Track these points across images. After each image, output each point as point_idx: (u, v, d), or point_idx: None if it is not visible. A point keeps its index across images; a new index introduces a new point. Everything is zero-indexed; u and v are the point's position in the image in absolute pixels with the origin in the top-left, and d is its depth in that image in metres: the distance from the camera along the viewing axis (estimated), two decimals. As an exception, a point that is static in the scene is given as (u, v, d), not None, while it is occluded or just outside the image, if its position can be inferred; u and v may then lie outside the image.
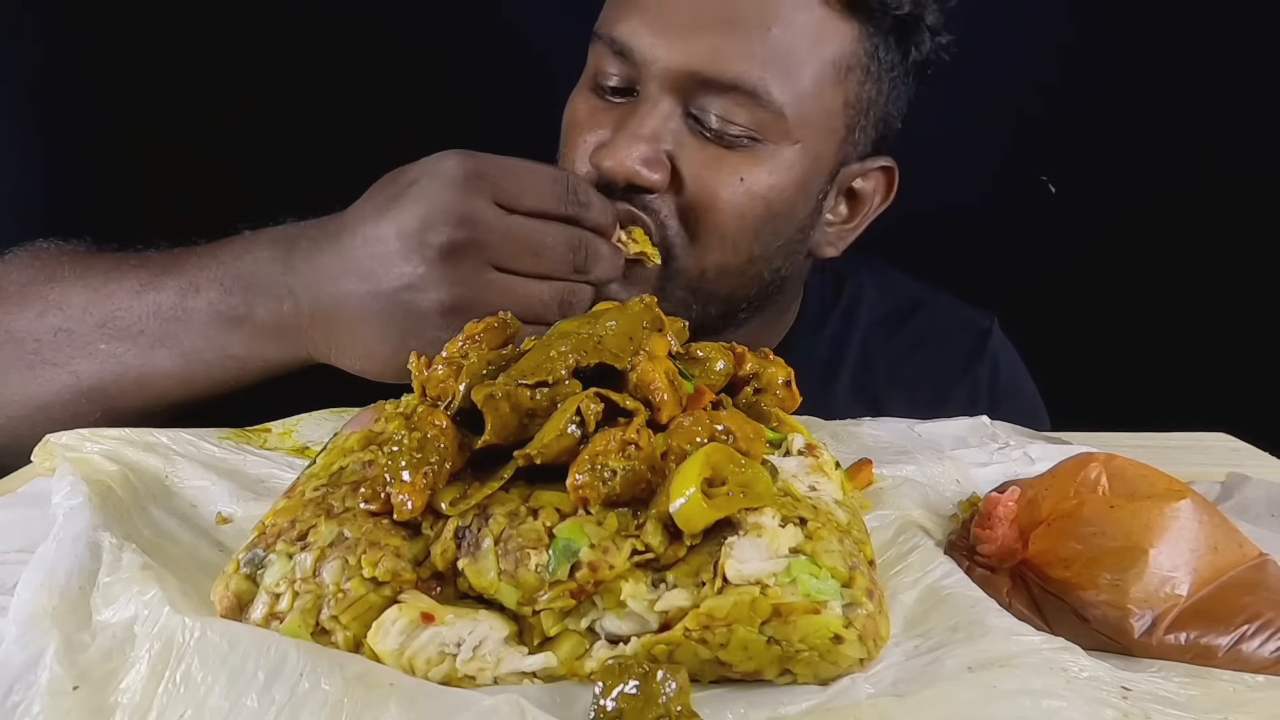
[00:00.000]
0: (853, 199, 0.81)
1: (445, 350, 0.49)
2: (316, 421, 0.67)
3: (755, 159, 0.71)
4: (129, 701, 0.35)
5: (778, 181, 0.72)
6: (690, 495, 0.38)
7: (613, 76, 0.73)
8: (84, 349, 0.66)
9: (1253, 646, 0.40)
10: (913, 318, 0.92)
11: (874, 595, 0.39)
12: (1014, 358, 0.94)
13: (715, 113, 0.70)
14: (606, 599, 0.38)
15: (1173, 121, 1.19)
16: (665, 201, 0.71)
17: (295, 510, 0.41)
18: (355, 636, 0.38)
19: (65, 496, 0.49)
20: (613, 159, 0.69)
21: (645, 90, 0.71)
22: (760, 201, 0.72)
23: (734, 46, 0.68)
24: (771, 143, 0.71)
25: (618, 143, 0.70)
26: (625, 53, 0.71)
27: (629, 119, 0.71)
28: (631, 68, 0.72)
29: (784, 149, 0.72)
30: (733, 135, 0.70)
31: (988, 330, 0.92)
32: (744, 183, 0.71)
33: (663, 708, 0.34)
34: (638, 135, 0.70)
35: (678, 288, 0.74)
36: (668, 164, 0.71)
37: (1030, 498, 0.48)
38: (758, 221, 0.73)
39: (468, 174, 0.60)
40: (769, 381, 0.52)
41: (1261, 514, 0.55)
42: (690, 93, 0.70)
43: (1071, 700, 0.35)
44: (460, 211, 0.59)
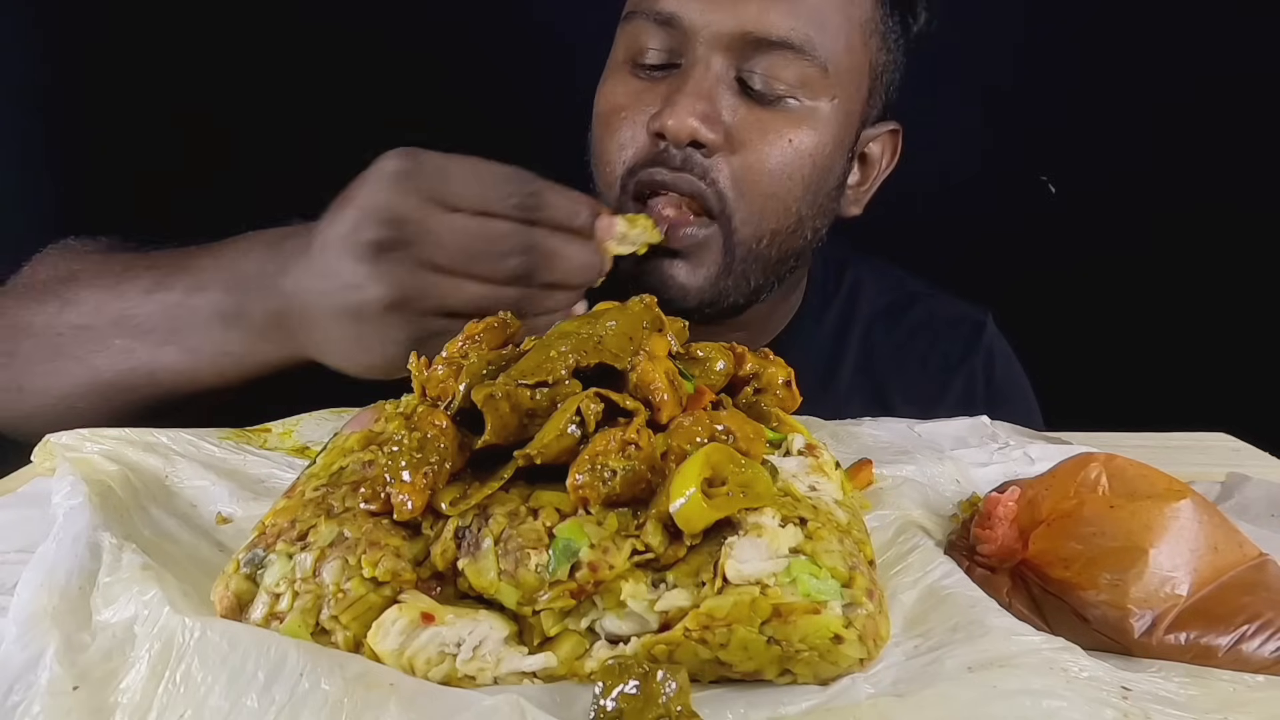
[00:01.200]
0: (864, 161, 0.84)
1: (445, 350, 0.49)
2: (316, 421, 0.67)
3: (800, 118, 0.74)
4: (129, 701, 0.35)
5: (821, 139, 0.75)
6: (690, 495, 0.38)
7: (654, 51, 0.75)
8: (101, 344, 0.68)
9: (1253, 646, 0.40)
10: (910, 311, 0.94)
11: (874, 595, 0.39)
12: (1008, 351, 0.96)
13: (762, 72, 0.72)
14: (606, 599, 0.38)
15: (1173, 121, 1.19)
16: (720, 165, 0.73)
17: (295, 510, 0.41)
18: (355, 636, 0.38)
19: (65, 496, 0.49)
20: (675, 118, 0.71)
21: (693, 56, 0.73)
22: (808, 160, 0.75)
23: (779, 5, 0.71)
24: (811, 100, 0.74)
25: (677, 103, 0.71)
26: (672, 22, 0.73)
27: (684, 82, 0.72)
28: (677, 37, 0.73)
29: (823, 105, 0.75)
30: (778, 94, 0.73)
31: (982, 324, 0.94)
32: (792, 144, 0.74)
33: (663, 708, 0.34)
34: (696, 94, 0.71)
35: (740, 260, 0.76)
36: (722, 125, 0.72)
37: (1030, 498, 0.48)
38: (805, 180, 0.75)
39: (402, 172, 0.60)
40: (769, 381, 0.52)
41: (1261, 514, 0.55)
42: (741, 54, 0.72)
43: (1071, 700, 0.35)
44: (388, 209, 0.59)
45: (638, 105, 0.75)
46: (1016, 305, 1.07)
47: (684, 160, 0.73)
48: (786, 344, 0.89)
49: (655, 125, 0.73)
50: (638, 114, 0.75)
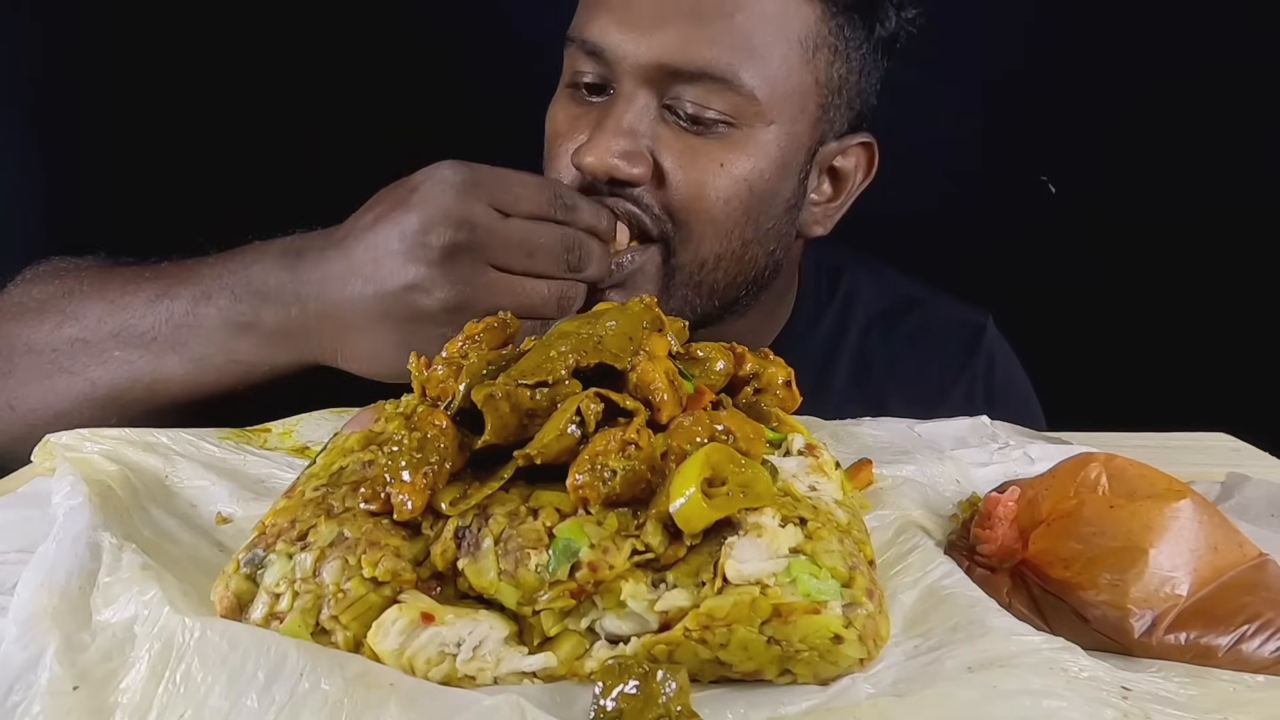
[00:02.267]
0: (835, 177, 0.83)
1: (445, 350, 0.49)
2: (316, 421, 0.67)
3: (733, 144, 0.73)
4: (129, 701, 0.35)
5: (757, 164, 0.73)
6: (690, 495, 0.38)
7: (587, 76, 0.75)
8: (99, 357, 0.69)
9: (1253, 646, 0.40)
10: (909, 315, 0.93)
11: (874, 595, 0.39)
12: (1009, 354, 0.95)
13: (690, 100, 0.71)
14: (606, 599, 0.38)
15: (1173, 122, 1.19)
16: (652, 196, 0.73)
17: (295, 510, 0.41)
18: (355, 636, 0.38)
19: (65, 496, 0.49)
20: (592, 155, 0.71)
21: (620, 87, 0.72)
22: (743, 185, 0.73)
23: (701, 35, 0.70)
24: (747, 126, 0.73)
25: (596, 140, 0.71)
26: (597, 52, 0.72)
27: (606, 116, 0.72)
28: (605, 66, 0.73)
29: (759, 131, 0.73)
30: (708, 122, 0.72)
31: (983, 327, 0.94)
32: (724, 168, 0.72)
33: (663, 708, 0.34)
34: (616, 130, 0.71)
35: (680, 284, 0.76)
36: (649, 157, 0.72)
37: (1030, 498, 0.48)
38: (744, 206, 0.74)
39: (465, 181, 0.64)
40: (769, 381, 0.52)
41: (1261, 514, 0.55)
42: (663, 85, 0.71)
43: (1071, 700, 0.35)
44: (460, 214, 0.63)
45: (571, 132, 0.75)
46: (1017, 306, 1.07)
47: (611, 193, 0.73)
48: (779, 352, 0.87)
49: (576, 159, 0.72)
50: (571, 139, 0.75)
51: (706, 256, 0.75)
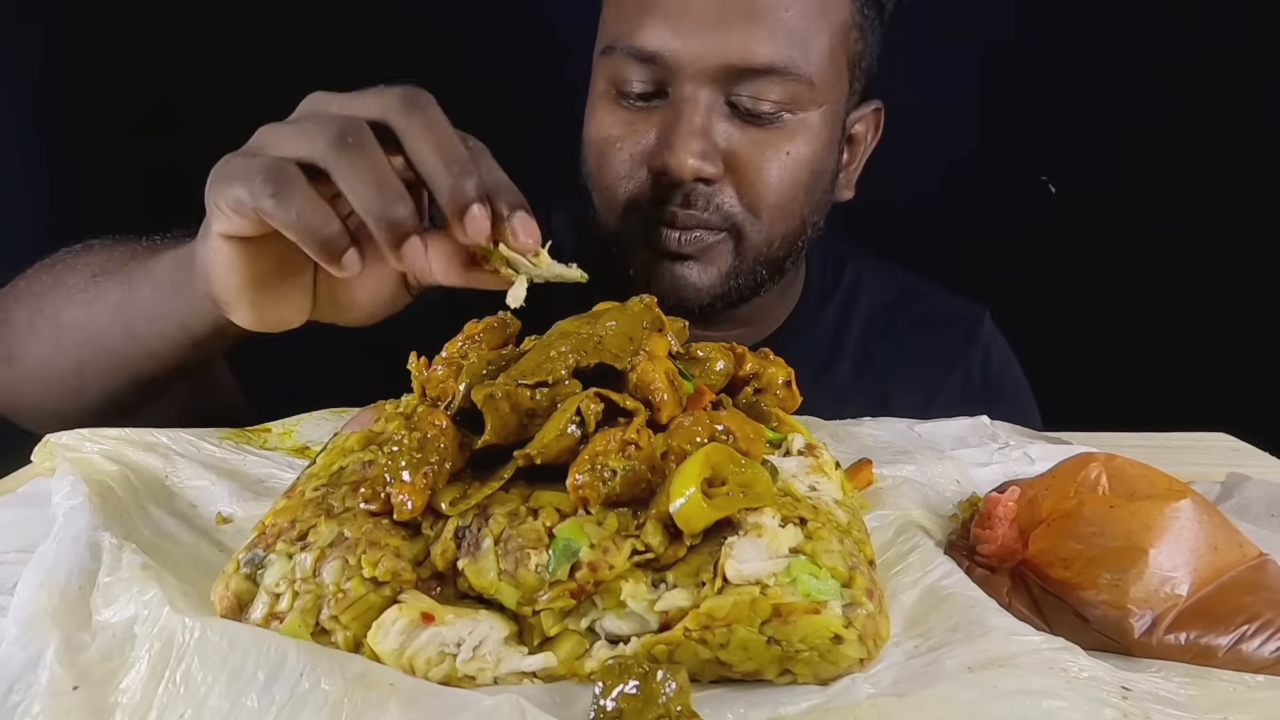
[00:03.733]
0: (851, 142, 0.86)
1: (445, 350, 0.49)
2: (316, 421, 0.67)
3: (791, 131, 0.76)
4: (129, 701, 0.35)
5: (813, 146, 0.78)
6: (690, 495, 0.38)
7: (638, 84, 0.76)
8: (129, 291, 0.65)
9: (1253, 646, 0.40)
10: (909, 307, 0.95)
11: (874, 595, 0.39)
12: (1005, 347, 0.97)
13: (752, 96, 0.74)
14: (606, 599, 0.38)
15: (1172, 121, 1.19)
16: (725, 190, 0.76)
17: (295, 510, 0.41)
18: (355, 636, 0.38)
19: (65, 496, 0.49)
20: (674, 159, 0.73)
21: (680, 90, 0.74)
22: (805, 168, 0.78)
23: (759, 33, 0.73)
24: (801, 112, 0.76)
25: (674, 144, 0.73)
26: (654, 59, 0.74)
27: (676, 120, 0.74)
28: (660, 71, 0.74)
29: (812, 115, 0.77)
30: (769, 113, 0.75)
31: (980, 320, 0.96)
32: (789, 155, 0.76)
33: (663, 708, 0.34)
34: (691, 132, 0.73)
35: (750, 262, 0.80)
36: (719, 154, 0.75)
37: (1030, 498, 0.48)
38: (805, 187, 0.78)
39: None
40: (769, 381, 0.52)
41: (1261, 514, 0.55)
42: (727, 83, 0.74)
43: (1071, 700, 0.35)
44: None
45: (631, 136, 0.77)
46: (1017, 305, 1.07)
47: (687, 195, 0.75)
48: (785, 338, 0.90)
49: (656, 164, 0.75)
50: (632, 145, 0.77)
51: (774, 237, 0.79)
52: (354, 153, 0.47)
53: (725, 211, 0.77)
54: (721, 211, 0.76)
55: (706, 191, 0.75)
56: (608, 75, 0.78)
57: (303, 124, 0.50)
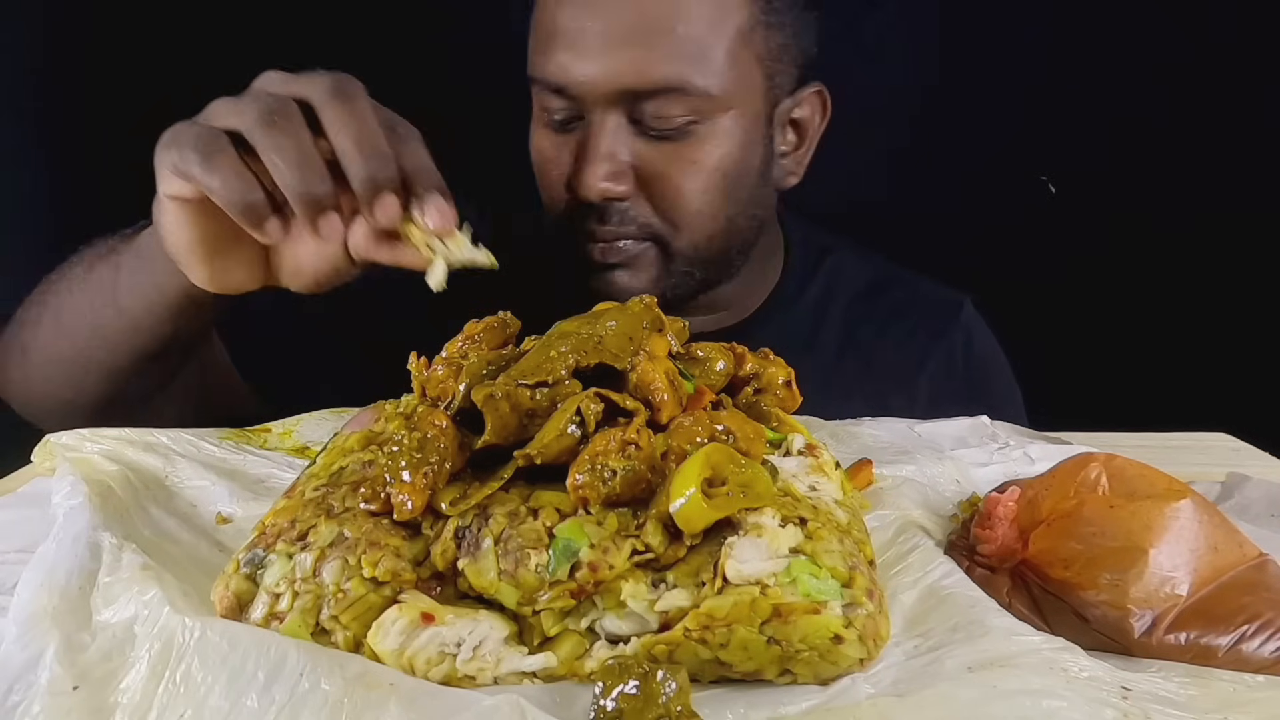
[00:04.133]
0: (797, 127, 0.88)
1: (445, 350, 0.49)
2: (316, 421, 0.67)
3: (700, 140, 0.78)
4: (129, 701, 0.35)
5: (725, 150, 0.79)
6: (690, 495, 0.38)
7: (559, 110, 0.79)
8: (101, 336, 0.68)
9: (1253, 646, 0.40)
10: (890, 293, 0.97)
11: (874, 595, 0.39)
12: (987, 333, 0.98)
13: (655, 114, 0.77)
14: (606, 599, 0.38)
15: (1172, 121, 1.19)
16: (640, 205, 0.79)
17: (295, 510, 0.41)
18: (355, 636, 0.38)
19: (65, 496, 0.49)
20: (583, 185, 0.77)
21: (590, 114, 0.78)
22: (717, 173, 0.80)
23: (652, 55, 0.75)
24: (709, 120, 0.78)
25: (582, 169, 0.77)
26: (560, 89, 0.77)
27: (586, 144, 0.78)
28: (571, 99, 0.78)
29: (720, 120, 0.79)
30: (674, 127, 0.77)
31: (960, 305, 0.97)
32: (697, 165, 0.79)
33: (663, 708, 0.34)
34: (597, 157, 0.77)
35: (678, 266, 0.82)
36: (630, 173, 0.78)
37: (1030, 498, 0.48)
38: (720, 189, 0.80)
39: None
40: (769, 381, 0.52)
41: (1261, 514, 0.55)
42: (629, 104, 0.77)
43: (1071, 700, 0.35)
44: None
45: (558, 159, 0.81)
46: (1017, 305, 1.07)
47: (603, 213, 0.79)
48: (761, 322, 0.92)
49: (570, 191, 0.79)
50: (558, 168, 0.81)
51: (698, 240, 0.82)
52: (277, 129, 0.51)
53: (642, 224, 0.80)
54: (638, 224, 0.80)
55: (621, 208, 0.79)
56: (536, 102, 0.82)
57: (242, 98, 0.54)
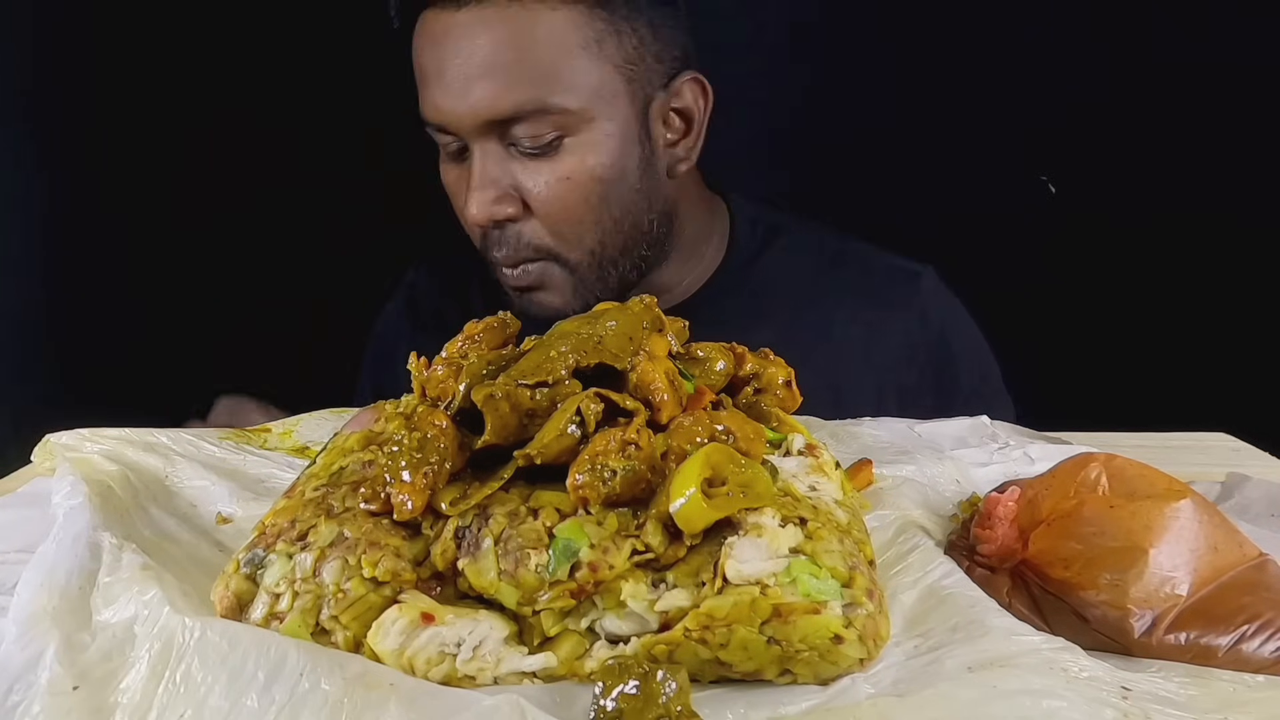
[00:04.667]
0: (682, 116, 0.88)
1: (445, 350, 0.49)
2: (316, 421, 0.67)
3: (570, 153, 0.81)
4: (129, 701, 0.35)
5: (596, 159, 0.81)
6: (690, 495, 0.38)
7: (449, 144, 0.83)
8: None
9: (1253, 646, 0.40)
10: (842, 269, 0.95)
11: (874, 595, 0.39)
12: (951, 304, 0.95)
13: (521, 135, 0.79)
14: (606, 599, 0.38)
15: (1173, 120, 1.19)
16: (530, 226, 0.82)
17: (295, 510, 0.41)
18: (355, 636, 0.38)
19: (65, 496, 0.49)
20: (469, 213, 0.81)
21: (470, 145, 0.81)
22: (593, 181, 0.82)
23: (503, 85, 0.78)
24: (575, 134, 0.81)
25: (470, 199, 0.81)
26: (439, 126, 0.81)
27: (470, 175, 0.82)
28: (451, 134, 0.81)
29: (586, 132, 0.81)
30: (545, 144, 0.80)
31: (918, 274, 0.95)
32: (571, 179, 0.81)
33: (663, 708, 0.34)
34: (482, 185, 0.81)
35: (583, 276, 0.85)
36: (515, 194, 0.81)
37: (1030, 498, 0.48)
38: (600, 195, 0.82)
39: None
40: (769, 381, 0.52)
41: (1261, 514, 0.55)
42: (499, 130, 0.80)
43: (1071, 700, 0.35)
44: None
45: (458, 189, 0.85)
46: (1017, 304, 1.07)
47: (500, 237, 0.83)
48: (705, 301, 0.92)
49: (465, 221, 0.83)
50: (459, 197, 0.84)
51: (591, 247, 0.84)
52: None
53: (536, 245, 0.83)
54: (533, 246, 0.83)
55: (514, 231, 0.82)
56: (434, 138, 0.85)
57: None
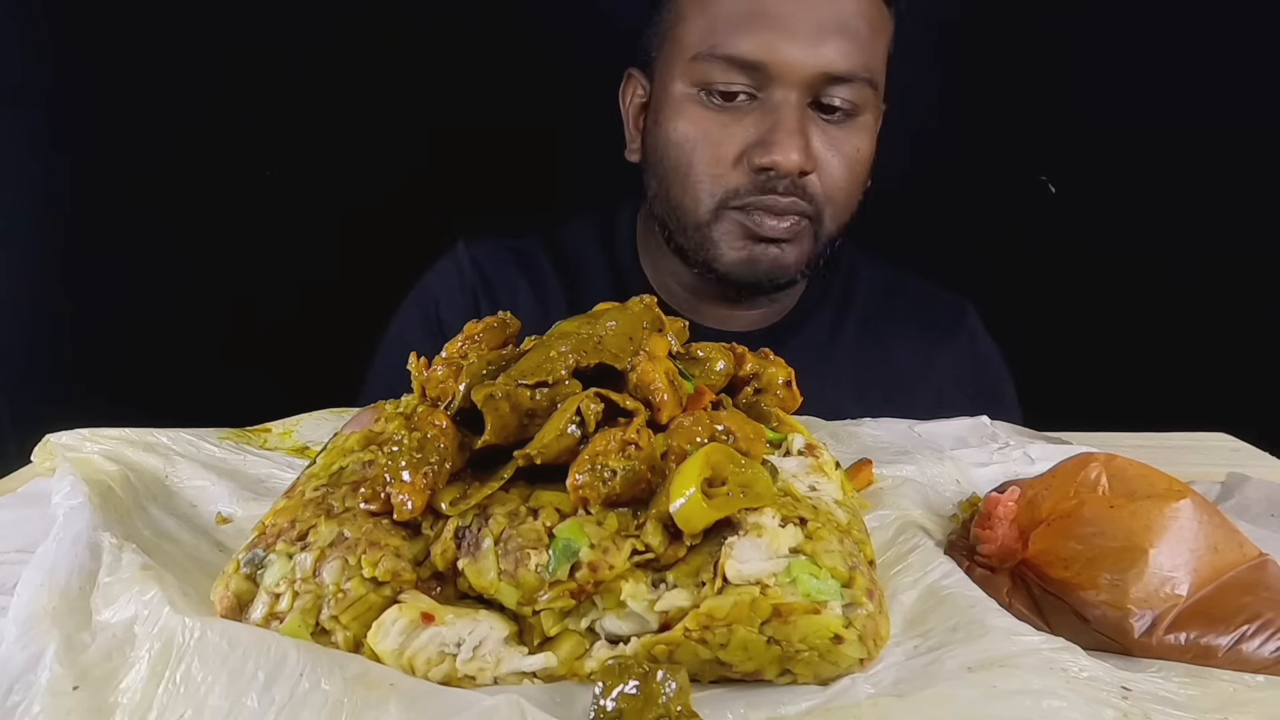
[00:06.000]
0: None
1: (445, 350, 0.49)
2: (316, 421, 0.67)
3: (859, 129, 0.86)
4: (129, 701, 0.35)
5: (871, 143, 0.88)
6: (690, 495, 0.38)
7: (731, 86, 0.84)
8: None
9: (1253, 646, 0.40)
10: (901, 293, 1.02)
11: (874, 595, 0.39)
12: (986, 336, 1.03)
13: (833, 97, 0.83)
14: (606, 599, 0.38)
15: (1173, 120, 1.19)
16: (814, 183, 0.85)
17: (295, 510, 0.41)
18: (355, 636, 0.38)
19: (65, 496, 0.49)
20: (781, 155, 0.82)
21: (775, 94, 0.82)
22: (865, 163, 0.88)
23: (849, 45, 0.82)
24: (866, 113, 0.86)
25: (781, 141, 0.82)
26: (755, 66, 0.82)
27: (778, 120, 0.82)
28: (758, 77, 0.83)
29: (868, 117, 0.87)
30: (844, 113, 0.85)
31: (963, 307, 1.03)
32: (859, 152, 0.86)
33: (663, 708, 0.34)
34: (793, 131, 0.82)
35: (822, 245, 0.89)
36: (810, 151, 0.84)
37: (1030, 498, 0.48)
38: (862, 179, 0.89)
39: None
40: (769, 381, 0.52)
41: (1261, 514, 0.55)
42: (815, 88, 0.83)
43: (1071, 700, 0.35)
44: None
45: (725, 135, 0.84)
46: (1016, 304, 1.07)
47: (789, 186, 0.84)
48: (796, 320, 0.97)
49: (764, 160, 0.82)
50: (727, 144, 0.84)
51: (841, 224, 0.89)
52: None
53: (816, 201, 0.85)
54: (814, 200, 0.85)
55: (801, 183, 0.84)
56: (694, 79, 0.85)
57: None
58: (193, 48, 1.11)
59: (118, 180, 1.10)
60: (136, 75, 1.09)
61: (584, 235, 1.00)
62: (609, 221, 0.99)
